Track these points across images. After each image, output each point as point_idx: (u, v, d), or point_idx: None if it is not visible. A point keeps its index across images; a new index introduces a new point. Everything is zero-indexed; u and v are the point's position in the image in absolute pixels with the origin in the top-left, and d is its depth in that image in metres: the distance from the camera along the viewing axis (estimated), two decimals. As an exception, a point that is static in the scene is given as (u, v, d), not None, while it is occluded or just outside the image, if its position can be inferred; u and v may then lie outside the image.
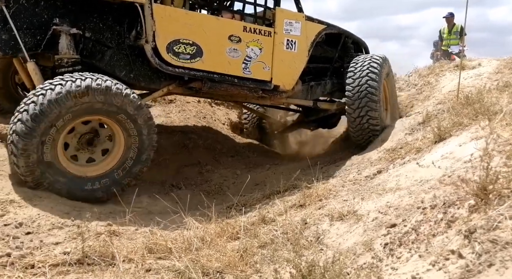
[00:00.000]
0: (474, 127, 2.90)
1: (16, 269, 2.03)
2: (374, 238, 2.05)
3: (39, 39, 3.23)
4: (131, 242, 2.44)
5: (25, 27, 3.17)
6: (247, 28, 3.91)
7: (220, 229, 2.60)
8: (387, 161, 3.48)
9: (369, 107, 4.24)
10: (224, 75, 3.84)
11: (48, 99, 2.79)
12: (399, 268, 1.70)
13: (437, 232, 1.76)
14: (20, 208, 2.65)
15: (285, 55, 4.16)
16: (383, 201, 2.45)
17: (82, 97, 2.89)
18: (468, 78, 5.10)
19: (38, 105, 2.78)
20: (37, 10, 3.21)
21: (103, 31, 3.44)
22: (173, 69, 3.58)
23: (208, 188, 4.05)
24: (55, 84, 2.86)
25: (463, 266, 1.47)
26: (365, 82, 4.28)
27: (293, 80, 4.29)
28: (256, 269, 2.09)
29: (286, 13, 4.18)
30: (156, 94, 3.82)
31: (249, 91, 4.07)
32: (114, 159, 3.17)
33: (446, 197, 1.99)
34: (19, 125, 2.77)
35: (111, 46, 3.47)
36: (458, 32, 8.58)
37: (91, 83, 2.92)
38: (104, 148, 3.21)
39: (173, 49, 3.54)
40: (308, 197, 3.00)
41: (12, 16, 3.07)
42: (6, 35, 3.12)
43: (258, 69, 4.00)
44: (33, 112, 2.77)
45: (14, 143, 2.77)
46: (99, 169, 3.14)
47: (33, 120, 2.76)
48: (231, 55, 3.83)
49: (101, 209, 2.92)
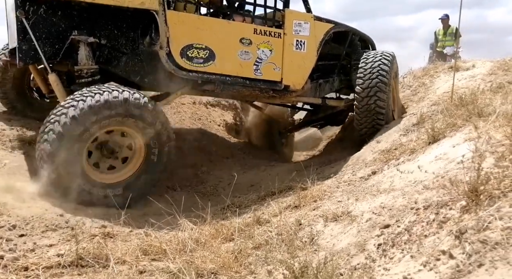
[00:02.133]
0: (468, 128, 2.91)
1: (10, 272, 2.02)
2: (368, 238, 2.06)
3: (57, 48, 3.32)
4: (125, 244, 2.43)
5: (44, 37, 3.25)
6: (258, 31, 4.00)
7: (215, 231, 2.60)
8: (382, 162, 3.49)
9: (379, 88, 4.30)
10: (236, 77, 3.94)
11: (81, 108, 2.92)
12: (391, 268, 1.71)
13: (429, 232, 1.77)
14: (13, 210, 2.64)
15: (294, 55, 4.24)
16: (377, 202, 2.46)
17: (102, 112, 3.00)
18: (462, 79, 5.12)
19: (69, 117, 2.89)
20: (55, 20, 3.28)
21: (118, 38, 3.53)
22: (187, 73, 3.68)
23: (203, 190, 4.05)
24: (86, 95, 2.98)
25: (454, 267, 1.48)
26: (378, 66, 4.35)
27: (303, 79, 4.37)
28: (251, 270, 2.09)
29: (295, 14, 4.26)
30: (170, 97, 3.92)
31: (260, 91, 4.17)
32: (136, 165, 3.30)
33: (438, 198, 2.00)
34: (51, 135, 2.88)
35: (126, 52, 3.56)
36: (453, 34, 8.63)
37: (108, 97, 3.03)
38: (124, 156, 3.32)
39: (186, 54, 3.63)
40: (302, 198, 3.01)
41: (32, 27, 3.14)
42: (26, 45, 3.20)
43: (269, 70, 4.09)
44: (64, 122, 2.88)
45: (45, 151, 2.87)
46: (119, 176, 3.26)
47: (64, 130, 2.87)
48: (242, 58, 3.93)
49: (95, 211, 2.92)
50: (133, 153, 3.32)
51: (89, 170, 3.10)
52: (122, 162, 3.31)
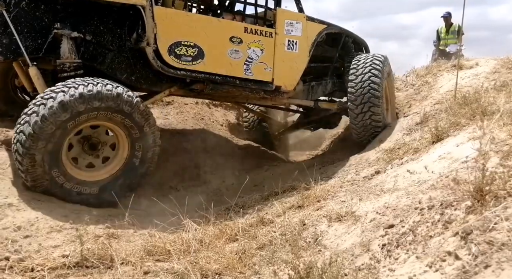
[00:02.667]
0: (472, 127, 2.90)
1: (15, 273, 2.04)
2: (372, 239, 2.06)
3: (40, 43, 3.23)
4: (129, 245, 2.44)
5: (26, 31, 3.17)
6: (248, 29, 3.92)
7: (219, 231, 2.61)
8: (385, 162, 3.48)
9: (372, 103, 4.24)
10: (225, 77, 3.85)
11: (58, 101, 2.81)
12: (397, 269, 1.71)
13: (434, 233, 1.77)
14: (18, 212, 2.65)
15: (286, 55, 4.17)
16: (381, 202, 2.46)
17: (92, 102, 2.91)
18: (466, 77, 5.10)
19: (47, 108, 2.79)
20: (38, 13, 3.20)
21: (104, 34, 3.44)
22: (175, 71, 3.59)
23: (207, 190, 4.06)
24: (68, 87, 2.89)
25: (460, 268, 1.48)
26: (368, 79, 4.28)
27: (295, 80, 4.30)
28: (255, 270, 2.10)
29: (287, 13, 4.19)
30: (158, 96, 3.83)
31: (250, 92, 4.09)
32: (116, 166, 3.21)
33: (443, 198, 1.99)
34: (27, 127, 2.78)
35: (112, 49, 3.47)
36: (455, 32, 8.60)
37: (101, 89, 2.95)
38: (106, 156, 3.24)
39: (174, 51, 3.55)
40: (306, 198, 3.00)
41: (13, 20, 3.06)
42: (7, 39, 3.12)
43: (260, 70, 4.02)
44: (42, 114, 2.78)
45: (21, 143, 2.78)
46: (100, 174, 3.16)
47: (42, 122, 2.78)
48: (232, 57, 3.85)
49: (100, 212, 2.93)
50: (115, 153, 3.23)
51: (67, 164, 3.01)
52: (102, 161, 3.23)
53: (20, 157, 2.80)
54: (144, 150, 3.23)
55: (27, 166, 2.80)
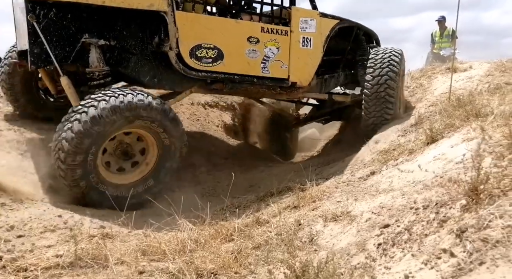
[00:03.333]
0: (466, 129, 2.93)
1: (8, 273, 2.01)
2: (368, 238, 2.06)
3: (68, 51, 3.33)
4: (124, 245, 2.43)
5: (55, 40, 3.26)
6: (265, 29, 4.03)
7: (214, 231, 2.60)
8: (380, 163, 3.50)
9: (386, 97, 4.29)
10: (244, 76, 3.98)
11: (84, 120, 2.93)
12: (392, 267, 1.72)
13: (430, 231, 1.77)
14: (11, 211, 2.63)
15: (301, 52, 4.28)
16: (377, 202, 2.47)
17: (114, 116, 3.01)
18: (460, 80, 5.14)
19: (90, 117, 2.92)
20: (65, 23, 3.28)
21: (127, 39, 3.55)
22: (196, 73, 3.72)
23: (202, 190, 4.05)
24: (87, 106, 2.99)
25: (455, 265, 1.49)
26: (386, 67, 4.35)
27: (310, 76, 4.41)
28: (251, 270, 2.09)
29: (302, 11, 4.29)
30: (179, 96, 3.96)
31: (267, 89, 4.22)
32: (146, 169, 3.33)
33: (438, 198, 2.01)
34: (69, 133, 2.89)
35: (135, 53, 3.58)
36: (449, 35, 8.68)
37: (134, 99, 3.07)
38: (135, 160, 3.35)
39: (195, 54, 3.67)
40: (302, 198, 3.01)
41: (42, 30, 3.15)
42: (38, 49, 3.20)
43: (276, 68, 4.13)
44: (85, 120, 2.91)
45: (63, 149, 2.88)
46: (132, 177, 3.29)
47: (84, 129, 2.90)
48: (250, 56, 3.97)
49: (94, 211, 2.91)
50: (144, 158, 3.37)
51: (101, 167, 3.14)
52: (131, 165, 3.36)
53: (64, 155, 2.89)
54: (172, 152, 3.38)
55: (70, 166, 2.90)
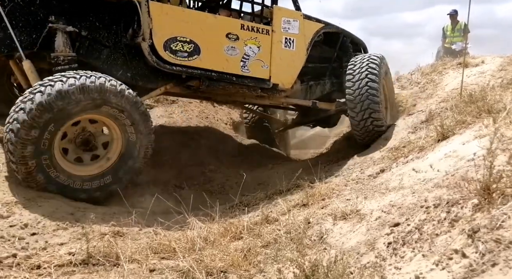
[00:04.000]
0: (478, 125, 2.89)
1: (22, 270, 2.05)
2: (378, 237, 2.05)
3: (34, 38, 3.22)
4: (135, 243, 2.45)
5: (21, 26, 3.16)
6: (245, 26, 3.91)
7: (224, 229, 2.61)
8: (390, 160, 3.47)
9: (372, 109, 4.17)
10: (222, 73, 3.84)
11: (48, 92, 2.78)
12: (403, 267, 1.70)
13: (441, 231, 1.76)
14: (25, 209, 2.66)
15: (283, 53, 4.16)
16: (386, 200, 2.45)
17: (81, 95, 2.87)
18: (472, 75, 5.07)
19: (45, 94, 2.76)
20: (33, 8, 3.19)
21: (100, 30, 3.42)
22: (171, 67, 3.57)
23: (211, 188, 4.07)
24: (55, 81, 2.86)
25: (467, 266, 1.47)
26: (365, 84, 4.20)
27: (292, 78, 4.29)
28: (260, 268, 2.09)
29: (284, 11, 4.18)
30: (153, 93, 3.80)
31: (247, 89, 4.07)
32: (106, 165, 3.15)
33: (449, 196, 1.98)
34: (29, 104, 2.76)
35: (107, 45, 3.46)
36: (461, 30, 8.56)
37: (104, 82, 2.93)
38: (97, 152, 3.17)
39: (170, 47, 3.53)
40: (311, 196, 3.00)
41: (7, 14, 3.05)
42: (2, 33, 3.11)
43: (257, 67, 4.00)
44: (40, 101, 2.75)
45: (11, 141, 2.75)
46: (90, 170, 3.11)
47: (30, 118, 2.74)
48: (229, 53, 3.83)
49: (105, 210, 2.94)
50: (107, 150, 3.19)
51: (58, 156, 2.97)
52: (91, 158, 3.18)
53: (18, 126, 2.74)
54: (137, 150, 3.20)
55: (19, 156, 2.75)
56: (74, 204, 2.89)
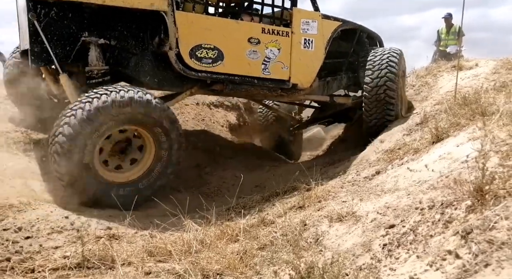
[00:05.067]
0: (471, 128, 2.91)
1: (16, 274, 2.04)
2: (373, 239, 2.06)
3: (68, 50, 3.35)
4: (130, 246, 2.44)
5: (55, 39, 3.28)
6: (266, 30, 4.03)
7: (220, 232, 2.61)
8: (386, 162, 3.49)
9: (387, 98, 4.34)
10: (244, 77, 3.98)
11: (94, 106, 2.94)
12: (397, 268, 1.71)
13: (435, 232, 1.77)
14: (19, 213, 2.65)
15: (302, 54, 4.27)
16: (382, 202, 2.46)
17: (125, 108, 3.05)
18: (466, 78, 5.11)
19: (86, 111, 2.92)
20: (66, 22, 3.30)
21: (128, 39, 3.55)
22: (196, 73, 3.72)
23: (207, 191, 4.06)
24: (100, 93, 3.02)
25: (460, 266, 1.48)
26: (385, 75, 4.38)
27: (311, 78, 4.40)
28: (256, 271, 2.10)
29: (303, 12, 4.29)
30: (179, 97, 3.95)
31: (268, 90, 4.21)
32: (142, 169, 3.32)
33: (443, 198, 2.00)
34: (67, 127, 2.89)
35: (135, 53, 3.58)
36: (456, 33, 8.61)
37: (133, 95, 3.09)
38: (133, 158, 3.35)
39: (195, 54, 3.67)
40: (307, 198, 3.01)
41: (43, 29, 3.17)
42: (38, 48, 3.22)
43: (277, 69, 4.13)
44: (81, 117, 2.91)
45: (59, 143, 2.88)
46: (128, 176, 3.28)
47: (80, 125, 2.89)
48: (250, 57, 3.97)
49: (100, 212, 2.93)
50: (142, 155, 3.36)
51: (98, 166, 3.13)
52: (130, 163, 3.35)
53: (58, 157, 2.90)
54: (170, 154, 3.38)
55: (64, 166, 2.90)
56: (69, 207, 2.88)
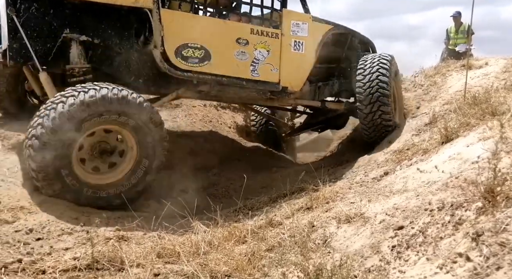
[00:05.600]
0: (482, 128, 2.88)
1: (27, 275, 2.06)
2: (382, 240, 2.05)
3: (49, 47, 3.25)
4: (139, 247, 2.46)
5: (35, 36, 3.19)
6: (255, 31, 3.95)
7: (228, 233, 2.61)
8: (394, 163, 3.46)
9: (381, 102, 4.23)
10: (232, 78, 3.88)
11: (69, 104, 2.86)
12: (407, 271, 1.70)
13: (445, 234, 1.75)
14: (30, 214, 2.68)
15: (292, 56, 4.18)
16: (390, 203, 2.45)
17: (97, 107, 2.93)
18: (475, 77, 5.05)
19: (58, 113, 2.83)
20: (47, 18, 3.23)
21: (112, 37, 3.45)
22: (182, 73, 3.62)
23: (215, 192, 4.07)
24: (77, 91, 2.93)
25: (471, 269, 1.47)
26: (376, 78, 4.29)
27: (301, 81, 4.31)
28: (264, 272, 2.09)
29: (293, 14, 4.21)
30: (165, 98, 3.86)
31: (257, 93, 4.10)
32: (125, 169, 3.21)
33: (453, 199, 1.98)
34: (40, 129, 2.81)
35: (119, 52, 3.49)
36: (465, 31, 8.52)
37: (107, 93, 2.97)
38: (112, 161, 3.23)
39: (181, 53, 3.57)
40: (315, 199, 3.00)
41: (23, 25, 3.10)
42: (17, 44, 3.15)
43: (266, 71, 4.03)
44: (54, 117, 2.82)
45: (33, 148, 2.80)
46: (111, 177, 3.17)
47: (54, 125, 2.81)
48: (239, 58, 3.87)
49: (110, 214, 2.95)
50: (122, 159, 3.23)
51: (76, 165, 3.01)
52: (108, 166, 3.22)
53: (34, 153, 2.81)
54: (151, 158, 3.24)
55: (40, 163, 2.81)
56: (79, 209, 2.91)
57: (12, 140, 3.77)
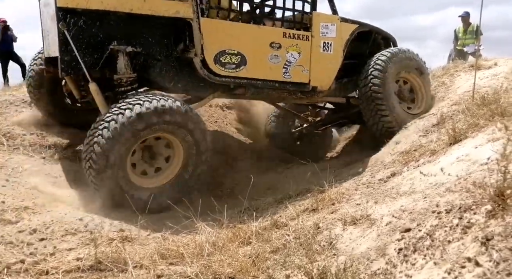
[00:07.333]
0: (491, 129, 2.82)
1: (30, 276, 2.06)
2: (388, 243, 2.01)
3: (96, 58, 3.40)
4: (143, 248, 2.45)
5: (84, 48, 3.34)
6: (287, 34, 4.11)
7: (232, 234, 2.59)
8: (401, 164, 3.42)
9: (376, 104, 4.36)
10: (266, 81, 4.06)
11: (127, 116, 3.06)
12: (414, 275, 1.66)
13: (453, 238, 1.71)
14: (34, 215, 2.69)
15: (322, 57, 4.34)
16: (397, 205, 2.41)
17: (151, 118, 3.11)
18: (484, 78, 4.97)
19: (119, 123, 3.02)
20: (94, 30, 3.35)
21: (153, 45, 3.60)
22: (220, 79, 3.79)
23: (220, 193, 4.06)
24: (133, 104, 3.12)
25: (480, 275, 1.43)
26: (370, 81, 4.41)
27: (330, 80, 4.47)
28: (268, 274, 2.07)
29: (322, 16, 4.35)
30: (203, 101, 4.03)
31: (288, 93, 4.29)
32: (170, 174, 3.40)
33: (462, 201, 1.94)
34: (100, 138, 3.00)
35: (160, 59, 3.64)
36: (473, 32, 8.43)
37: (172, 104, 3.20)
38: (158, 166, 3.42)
39: (219, 60, 3.74)
40: (320, 201, 2.97)
41: (72, 38, 3.23)
42: (68, 56, 3.29)
43: (297, 73, 4.20)
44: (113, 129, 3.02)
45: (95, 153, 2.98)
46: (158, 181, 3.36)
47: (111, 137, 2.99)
48: (272, 61, 4.05)
49: (113, 215, 2.95)
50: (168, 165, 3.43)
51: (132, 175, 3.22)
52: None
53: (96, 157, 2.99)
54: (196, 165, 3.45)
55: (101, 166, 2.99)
56: (82, 209, 2.91)
57: (17, 140, 3.79)
